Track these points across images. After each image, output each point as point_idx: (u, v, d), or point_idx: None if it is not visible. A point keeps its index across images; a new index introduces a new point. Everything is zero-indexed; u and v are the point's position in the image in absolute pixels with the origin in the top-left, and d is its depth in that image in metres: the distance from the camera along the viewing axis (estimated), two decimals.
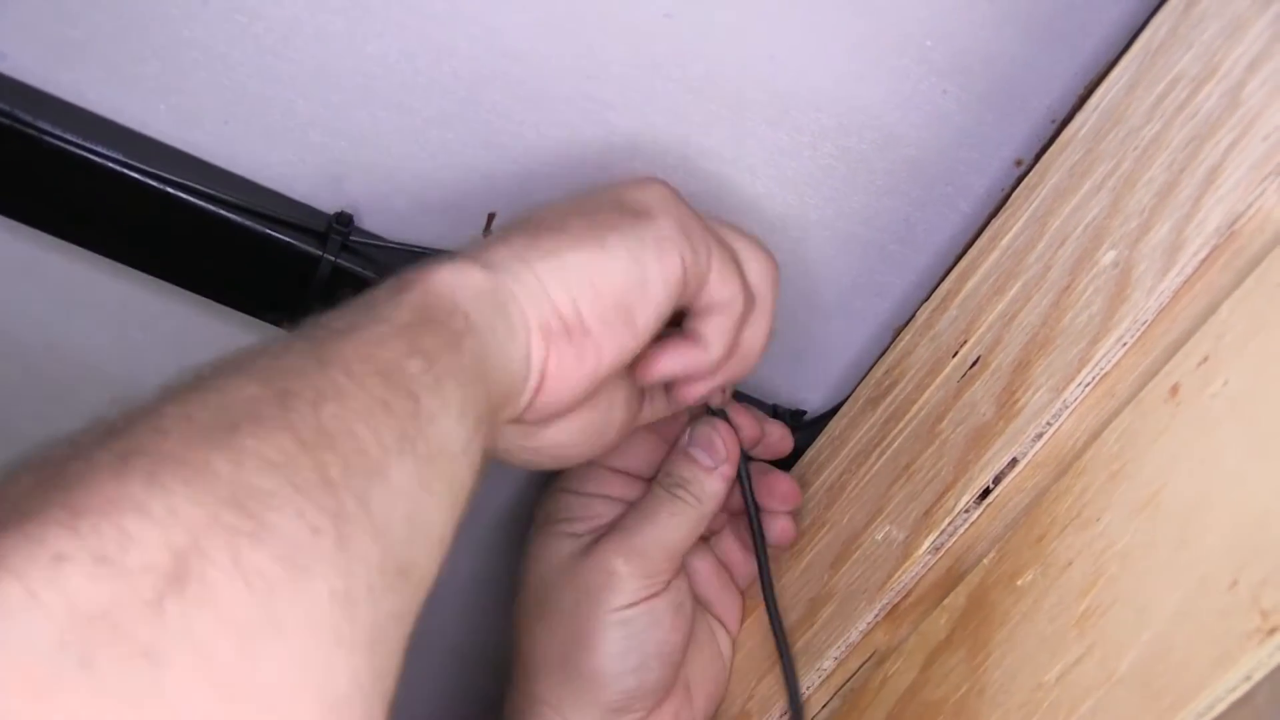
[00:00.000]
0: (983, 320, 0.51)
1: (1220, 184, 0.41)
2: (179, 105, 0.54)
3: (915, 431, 0.52)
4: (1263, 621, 0.34)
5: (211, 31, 0.51)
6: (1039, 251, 0.49)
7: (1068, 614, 0.41)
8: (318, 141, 0.55)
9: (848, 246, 0.59)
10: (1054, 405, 0.45)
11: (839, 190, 0.57)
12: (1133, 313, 0.43)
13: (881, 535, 0.51)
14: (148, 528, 0.27)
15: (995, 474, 0.47)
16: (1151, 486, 0.39)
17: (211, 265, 0.56)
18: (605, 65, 0.52)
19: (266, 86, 0.53)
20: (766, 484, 0.56)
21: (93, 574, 0.26)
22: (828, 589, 0.53)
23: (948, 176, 0.56)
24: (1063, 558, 0.42)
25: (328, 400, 0.33)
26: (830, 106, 0.54)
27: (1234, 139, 0.42)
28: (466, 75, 0.53)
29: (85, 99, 0.53)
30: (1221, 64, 0.43)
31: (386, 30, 0.51)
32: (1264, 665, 0.34)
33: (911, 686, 0.47)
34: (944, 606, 0.47)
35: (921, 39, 0.52)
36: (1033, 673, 0.41)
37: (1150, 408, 0.41)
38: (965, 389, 0.50)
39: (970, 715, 0.43)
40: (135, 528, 0.27)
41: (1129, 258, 0.44)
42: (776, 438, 0.58)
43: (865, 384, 0.57)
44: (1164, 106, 0.45)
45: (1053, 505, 0.43)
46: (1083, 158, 0.49)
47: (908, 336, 0.56)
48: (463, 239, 0.55)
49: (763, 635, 0.56)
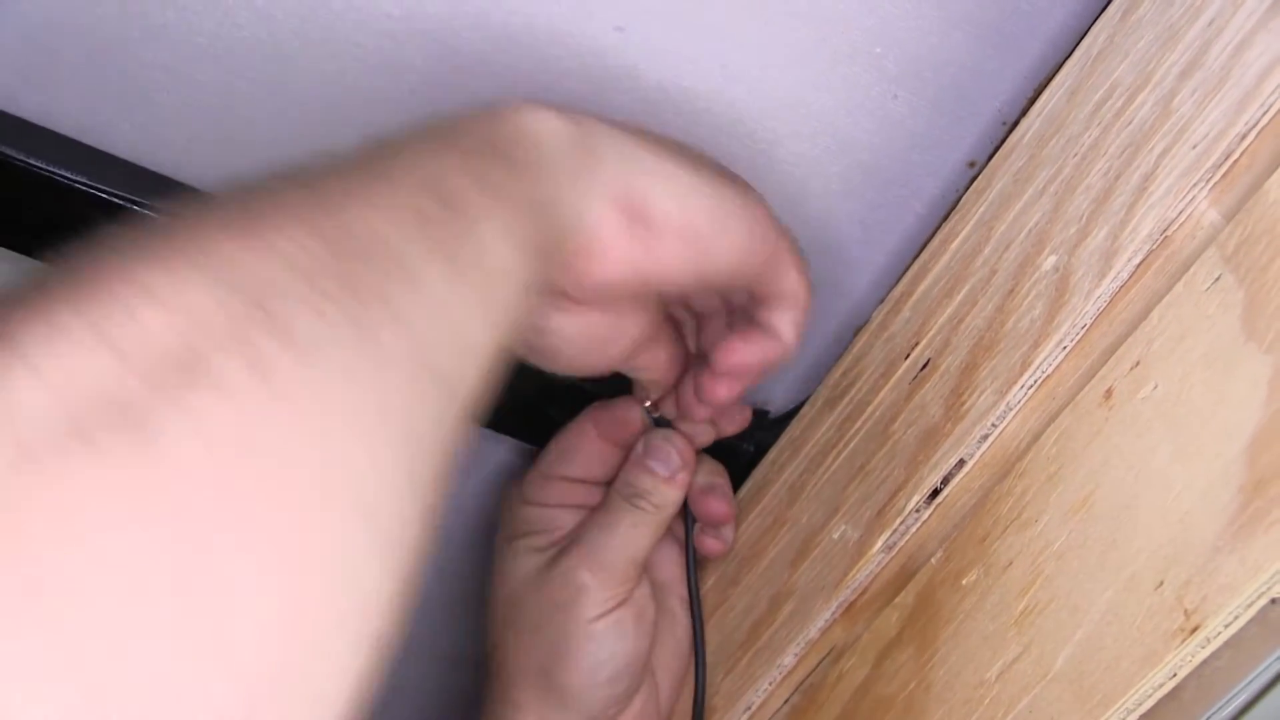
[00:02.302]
0: (933, 323, 0.52)
1: (1152, 191, 0.43)
2: (144, 125, 0.55)
3: (870, 432, 0.53)
4: (1186, 621, 0.35)
5: (173, 53, 0.52)
6: (985, 256, 0.50)
7: (1008, 613, 0.42)
8: (281, 157, 0.55)
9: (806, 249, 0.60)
10: (998, 408, 0.46)
11: (795, 195, 0.58)
12: (1071, 317, 0.44)
13: (838, 534, 0.52)
14: (155, 311, 0.26)
15: (944, 475, 0.48)
16: (1085, 489, 0.41)
17: None
18: (559, 79, 0.53)
19: (229, 105, 0.54)
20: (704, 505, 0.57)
21: (94, 351, 0.25)
22: (788, 586, 0.54)
23: (901, 179, 0.57)
24: (1004, 558, 0.43)
25: (361, 202, 0.32)
26: (783, 114, 0.55)
27: (1166, 146, 0.43)
28: (424, 91, 0.53)
29: (51, 121, 0.54)
30: (1155, 73, 0.44)
31: (344, 49, 0.52)
32: (1188, 663, 0.36)
33: (864, 683, 0.48)
34: (895, 604, 0.48)
35: (870, 46, 0.53)
36: (975, 670, 0.42)
37: (1086, 411, 0.42)
38: (916, 391, 0.51)
39: (918, 711, 0.44)
40: (142, 310, 0.26)
41: (1068, 263, 0.45)
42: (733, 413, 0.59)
43: (824, 385, 0.58)
44: (1102, 114, 0.46)
45: (996, 506, 0.44)
46: (1026, 163, 0.50)
47: (864, 338, 0.57)
48: None
49: (726, 633, 0.57)
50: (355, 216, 0.31)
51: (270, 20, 0.51)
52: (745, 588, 0.57)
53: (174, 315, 0.26)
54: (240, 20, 0.51)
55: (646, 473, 0.55)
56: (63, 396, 0.24)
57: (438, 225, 0.33)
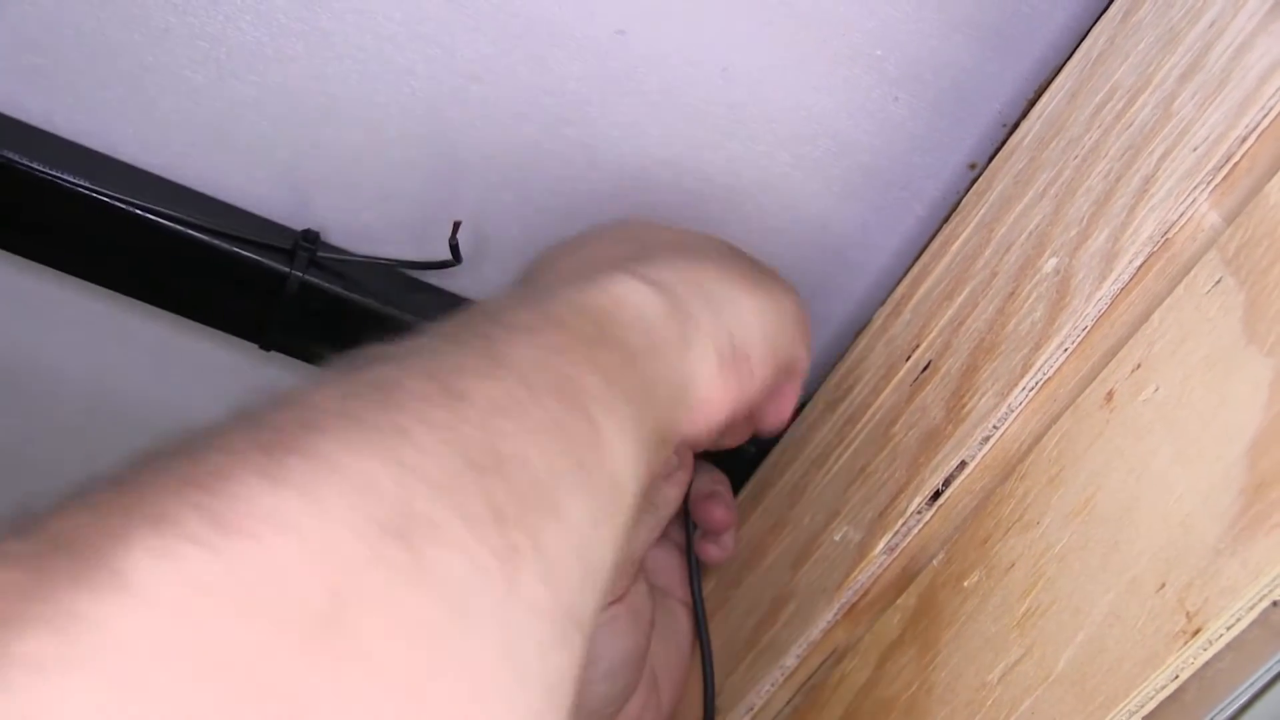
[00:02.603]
0: (934, 325, 0.52)
1: (1153, 193, 0.43)
2: (145, 129, 0.55)
3: (871, 434, 0.53)
4: (1188, 623, 0.35)
5: (175, 57, 0.53)
6: (986, 258, 0.50)
7: (1010, 615, 0.42)
8: (283, 161, 0.56)
9: (807, 252, 0.60)
10: (999, 410, 0.46)
11: (796, 197, 0.58)
12: (1072, 320, 0.44)
13: (840, 536, 0.52)
14: (302, 558, 0.23)
15: (945, 476, 0.48)
16: (1087, 491, 0.41)
17: (182, 284, 0.57)
18: (561, 81, 0.54)
19: (231, 109, 0.54)
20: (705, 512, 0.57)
21: (238, 611, 0.22)
22: (790, 588, 0.54)
23: (902, 181, 0.58)
24: (1006, 560, 0.43)
25: (502, 414, 0.29)
26: (784, 116, 0.55)
27: (1166, 149, 0.43)
28: (425, 94, 0.54)
29: (53, 124, 0.54)
30: (1155, 75, 0.44)
31: (346, 53, 0.52)
32: (1190, 665, 0.36)
33: (866, 684, 0.48)
34: (897, 606, 0.48)
35: (871, 49, 0.53)
36: (977, 672, 0.42)
37: (1087, 413, 0.42)
38: (917, 393, 0.51)
39: (920, 713, 0.44)
40: (287, 556, 0.23)
41: (1069, 265, 0.45)
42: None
43: (825, 387, 0.58)
44: (1102, 116, 0.46)
45: (997, 508, 0.44)
46: (1027, 165, 0.50)
47: (864, 340, 0.57)
48: (429, 251, 0.56)
49: (728, 635, 0.57)
50: (503, 435, 0.29)
51: (272, 24, 0.52)
52: (747, 589, 0.57)
53: (324, 565, 0.24)
54: (242, 25, 0.51)
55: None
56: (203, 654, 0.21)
57: (579, 445, 0.31)
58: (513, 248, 0.58)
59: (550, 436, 0.30)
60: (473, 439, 0.28)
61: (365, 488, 0.25)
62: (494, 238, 0.58)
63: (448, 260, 0.55)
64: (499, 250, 0.58)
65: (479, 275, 0.59)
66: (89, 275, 0.57)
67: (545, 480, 0.29)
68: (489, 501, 0.27)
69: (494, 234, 0.58)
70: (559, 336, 0.33)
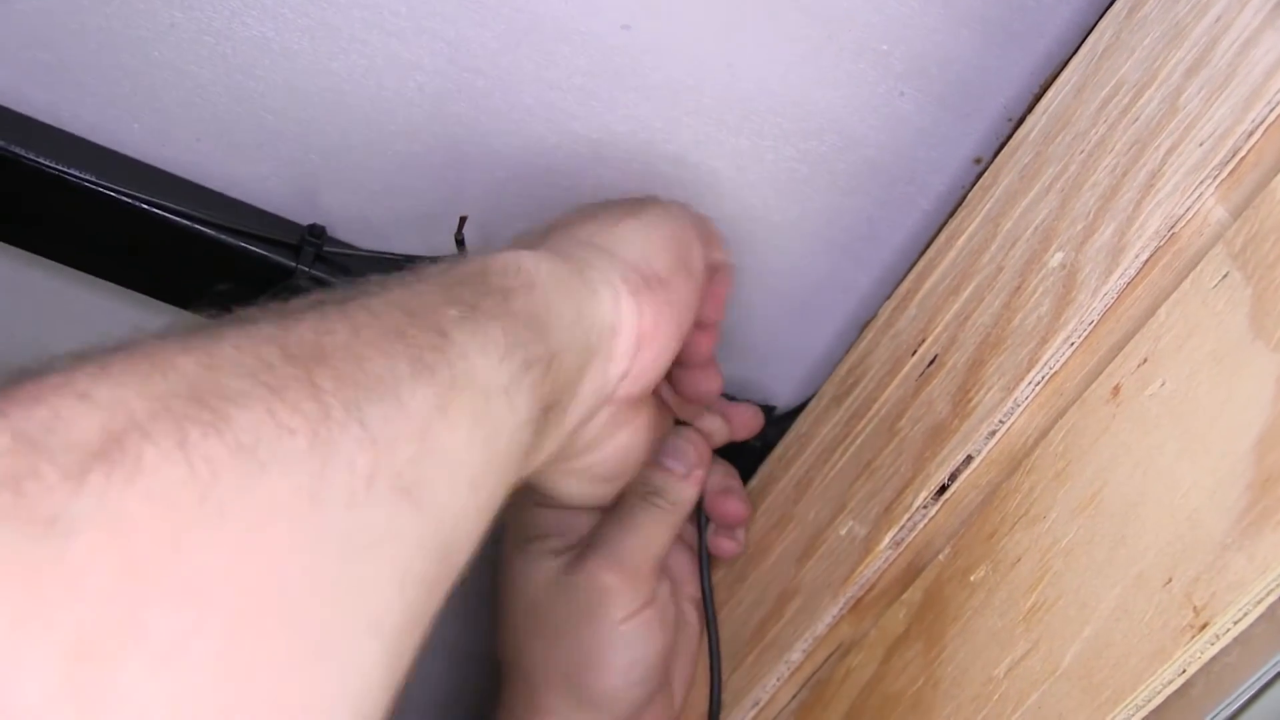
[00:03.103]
0: (940, 319, 0.52)
1: (1159, 188, 0.43)
2: (152, 124, 0.55)
3: (876, 429, 0.53)
4: (1195, 617, 0.36)
5: (181, 52, 0.53)
6: (992, 252, 0.50)
7: (1016, 609, 0.42)
8: (289, 156, 0.56)
9: (812, 246, 0.60)
10: (1006, 404, 0.46)
11: (802, 191, 0.58)
12: (1079, 314, 0.44)
13: (845, 530, 0.52)
14: (84, 411, 0.25)
15: (951, 471, 0.48)
16: (1093, 485, 0.41)
17: (188, 279, 0.57)
18: (567, 76, 0.54)
19: (237, 104, 0.54)
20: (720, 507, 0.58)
21: (7, 448, 0.23)
22: (795, 583, 0.54)
23: (908, 176, 0.58)
24: (1012, 554, 0.43)
25: (334, 327, 0.31)
26: (789, 111, 0.55)
27: (1172, 144, 0.43)
28: (431, 89, 0.54)
29: (59, 119, 0.54)
30: (1161, 70, 0.44)
31: (351, 47, 0.52)
32: (1197, 659, 0.36)
33: (872, 679, 0.48)
34: (903, 601, 0.48)
35: (877, 43, 0.53)
36: (983, 666, 0.42)
37: (1093, 408, 0.42)
38: (923, 387, 0.51)
39: (926, 707, 0.44)
40: (69, 411, 0.25)
41: (1075, 260, 0.45)
42: (747, 418, 0.60)
43: (830, 381, 0.58)
44: (1108, 111, 0.46)
45: (1003, 502, 0.45)
46: (1033, 160, 0.50)
47: (870, 334, 0.57)
48: (435, 246, 0.56)
49: (733, 630, 0.57)
50: (328, 335, 0.30)
51: (278, 19, 0.52)
52: (752, 584, 0.57)
53: (106, 414, 0.25)
54: (248, 19, 0.51)
55: (664, 471, 0.55)
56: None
57: (421, 347, 0.32)
58: None
59: (388, 340, 0.31)
60: (294, 340, 0.29)
61: (163, 365, 0.26)
62: (499, 232, 0.58)
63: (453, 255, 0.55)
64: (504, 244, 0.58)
65: None
66: (95, 270, 0.57)
67: (376, 368, 0.30)
68: (305, 377, 0.28)
69: (499, 229, 0.58)
70: (419, 284, 0.35)
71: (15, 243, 0.56)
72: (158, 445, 0.25)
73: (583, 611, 0.54)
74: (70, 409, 0.25)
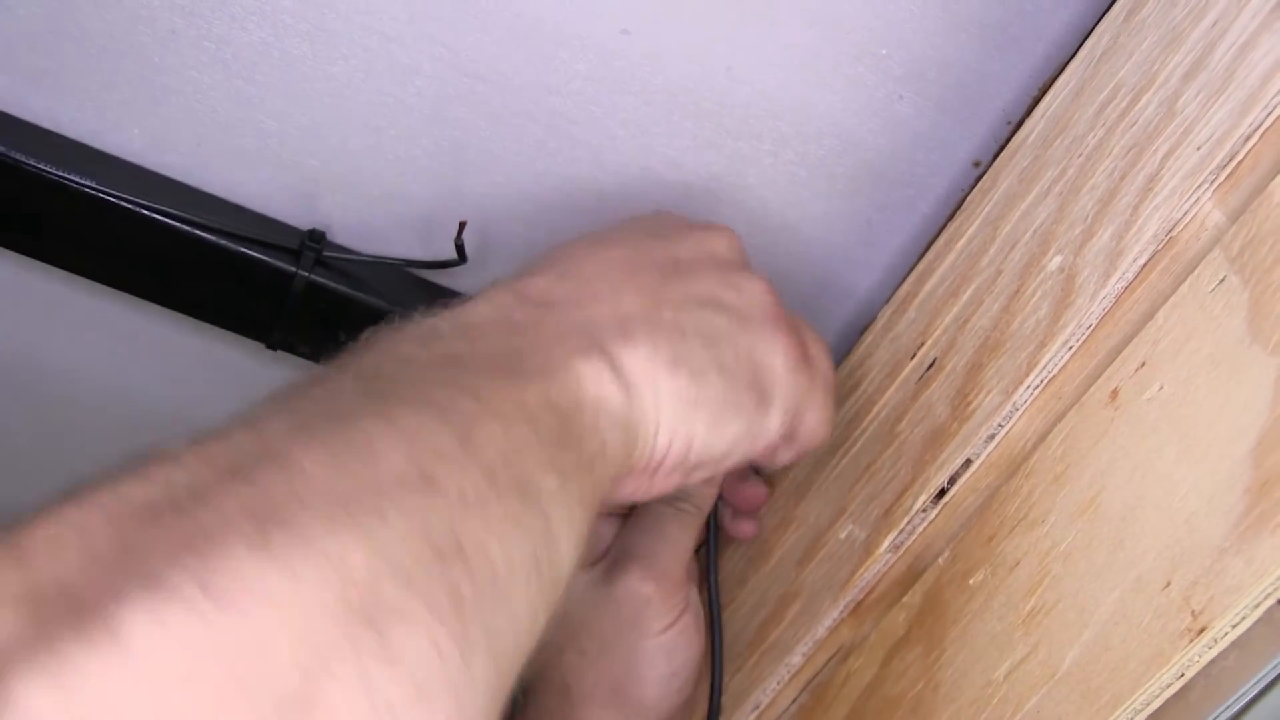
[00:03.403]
0: (939, 323, 0.52)
1: (1157, 192, 0.43)
2: (152, 129, 0.55)
3: (876, 432, 0.53)
4: (1193, 621, 0.36)
5: (181, 58, 0.53)
6: (990, 256, 0.50)
7: (1015, 613, 0.42)
8: (289, 161, 0.56)
9: (812, 249, 0.60)
10: (1004, 408, 0.46)
11: (801, 195, 0.58)
12: (1077, 318, 0.44)
13: (845, 534, 0.52)
14: (280, 635, 0.25)
15: (950, 474, 0.48)
16: (1092, 489, 0.41)
17: (189, 284, 0.57)
18: (566, 81, 0.54)
19: (237, 109, 0.54)
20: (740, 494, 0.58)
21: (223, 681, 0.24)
22: (795, 586, 0.54)
23: (907, 179, 0.58)
24: (1011, 558, 0.43)
25: (467, 506, 0.32)
26: (788, 115, 0.55)
27: (1170, 148, 0.43)
28: (431, 94, 0.54)
29: (60, 125, 0.55)
30: (1159, 74, 0.44)
31: (351, 53, 0.52)
32: (1195, 663, 0.36)
33: (872, 682, 0.48)
34: (902, 604, 0.48)
35: (876, 47, 0.54)
36: (983, 670, 0.42)
37: (1091, 412, 0.42)
38: (922, 391, 0.51)
39: (926, 711, 0.44)
40: (267, 632, 0.25)
41: (1074, 263, 0.45)
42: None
43: None
44: (1106, 114, 0.46)
45: (1002, 506, 0.45)
46: (1031, 163, 0.50)
47: (869, 338, 0.57)
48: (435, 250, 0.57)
49: (734, 632, 0.57)
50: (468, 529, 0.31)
51: (278, 25, 0.52)
52: (753, 587, 0.57)
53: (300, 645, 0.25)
54: (248, 25, 0.52)
55: None
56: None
57: (534, 539, 0.33)
58: (518, 247, 0.59)
59: (509, 531, 0.33)
60: (440, 529, 0.30)
61: (341, 568, 0.27)
62: (499, 237, 0.58)
63: (453, 259, 0.55)
64: (504, 249, 0.59)
65: (484, 274, 0.59)
66: (95, 275, 0.57)
67: (501, 572, 0.32)
68: (451, 590, 0.29)
69: (499, 233, 0.58)
70: (527, 431, 0.36)
71: (15, 248, 0.56)
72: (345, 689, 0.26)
73: (624, 624, 0.54)
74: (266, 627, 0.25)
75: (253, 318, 0.58)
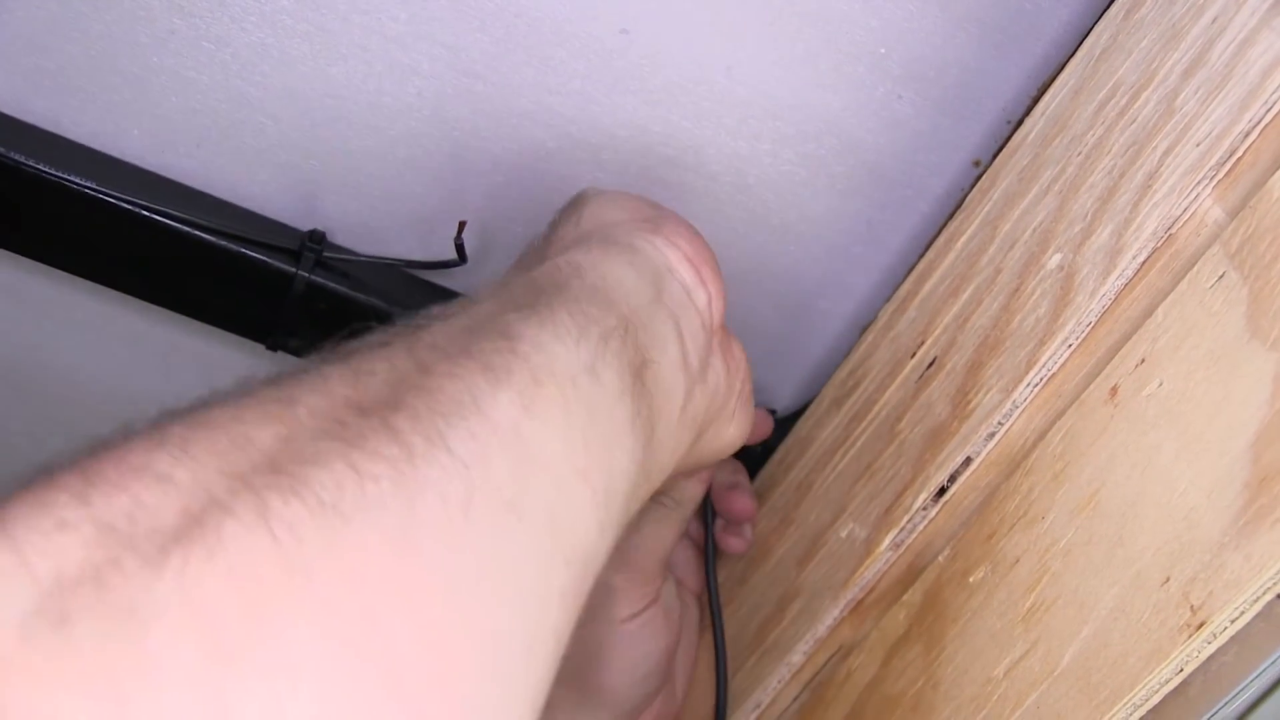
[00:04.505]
0: (939, 322, 0.52)
1: (1156, 189, 0.43)
2: (152, 130, 0.55)
3: (876, 431, 0.53)
4: (1192, 616, 0.36)
5: (180, 59, 0.53)
6: (990, 254, 0.50)
7: (1015, 610, 0.42)
8: (289, 161, 0.56)
9: (812, 249, 0.60)
10: (1004, 406, 0.46)
11: (800, 195, 0.58)
12: (1076, 315, 0.44)
13: (845, 533, 0.52)
14: (164, 494, 0.24)
15: (951, 473, 0.48)
16: (1091, 486, 0.41)
17: (189, 285, 0.57)
18: (566, 80, 0.54)
19: (236, 110, 0.54)
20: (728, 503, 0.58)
21: (92, 540, 0.23)
22: (796, 585, 0.54)
23: (906, 179, 0.58)
24: (1011, 555, 0.43)
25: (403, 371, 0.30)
26: (788, 114, 0.55)
27: (1169, 145, 0.43)
28: (430, 94, 0.54)
29: (60, 126, 0.55)
30: (1158, 71, 0.44)
31: (350, 53, 0.52)
32: (1194, 659, 0.36)
33: (873, 681, 0.48)
34: (903, 603, 0.48)
35: (875, 47, 0.54)
36: (983, 667, 0.42)
37: (1091, 409, 0.42)
38: (922, 390, 0.51)
39: (926, 708, 0.44)
40: (150, 496, 0.24)
41: (1073, 262, 0.45)
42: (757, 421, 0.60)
43: (830, 384, 0.59)
44: (1105, 113, 0.46)
45: (1002, 504, 0.45)
46: (1031, 162, 0.50)
47: (870, 337, 0.57)
48: (435, 251, 0.57)
49: (735, 632, 0.57)
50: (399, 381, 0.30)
51: (277, 25, 0.52)
52: (753, 587, 0.57)
53: (187, 496, 0.25)
54: (247, 26, 0.52)
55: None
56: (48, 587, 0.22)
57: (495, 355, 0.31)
58: (517, 247, 0.58)
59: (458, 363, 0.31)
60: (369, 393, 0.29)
61: (242, 441, 0.26)
62: (499, 237, 0.58)
63: (453, 260, 0.55)
64: (504, 250, 0.59)
65: (484, 275, 0.59)
66: (95, 277, 0.57)
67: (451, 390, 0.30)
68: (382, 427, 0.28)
69: (499, 233, 0.58)
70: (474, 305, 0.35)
71: (15, 250, 0.56)
72: (238, 519, 0.24)
73: (588, 611, 0.54)
74: (151, 494, 0.24)
75: (253, 319, 0.58)
